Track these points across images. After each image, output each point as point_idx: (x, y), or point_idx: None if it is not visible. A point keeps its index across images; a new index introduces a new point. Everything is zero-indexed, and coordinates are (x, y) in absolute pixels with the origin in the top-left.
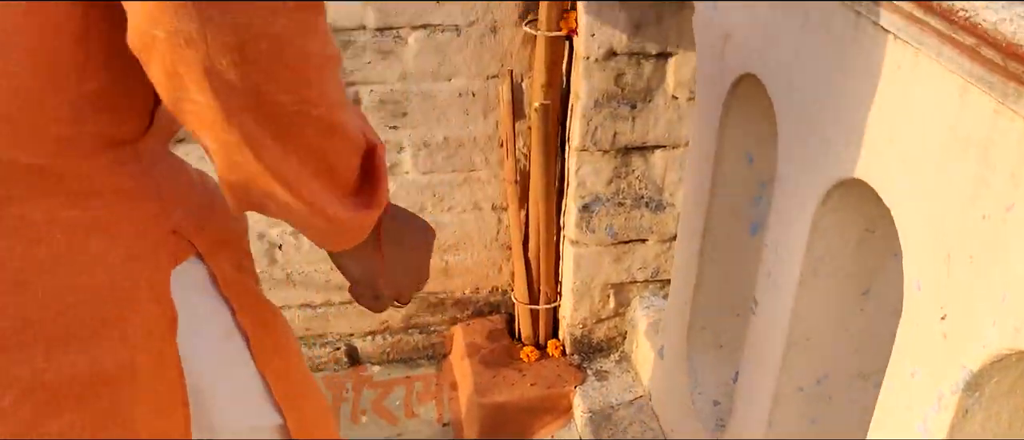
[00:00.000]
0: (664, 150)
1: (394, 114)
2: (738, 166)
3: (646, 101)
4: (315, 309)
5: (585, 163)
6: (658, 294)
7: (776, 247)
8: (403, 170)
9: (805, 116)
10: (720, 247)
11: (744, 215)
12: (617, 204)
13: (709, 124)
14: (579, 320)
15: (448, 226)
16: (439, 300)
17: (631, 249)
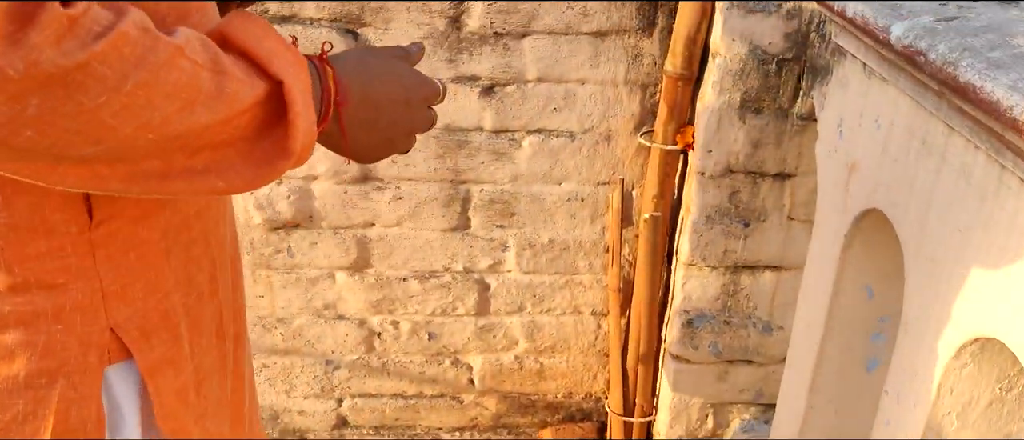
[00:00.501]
0: (776, 271)
1: (503, 214)
2: (857, 299)
3: (760, 220)
4: (407, 400)
5: (692, 278)
6: (759, 418)
7: (898, 397)
8: (506, 268)
9: (938, 263)
10: (832, 381)
11: (861, 350)
12: (723, 322)
13: (828, 253)
14: (674, 437)
15: (546, 328)
16: (531, 401)
17: (735, 369)
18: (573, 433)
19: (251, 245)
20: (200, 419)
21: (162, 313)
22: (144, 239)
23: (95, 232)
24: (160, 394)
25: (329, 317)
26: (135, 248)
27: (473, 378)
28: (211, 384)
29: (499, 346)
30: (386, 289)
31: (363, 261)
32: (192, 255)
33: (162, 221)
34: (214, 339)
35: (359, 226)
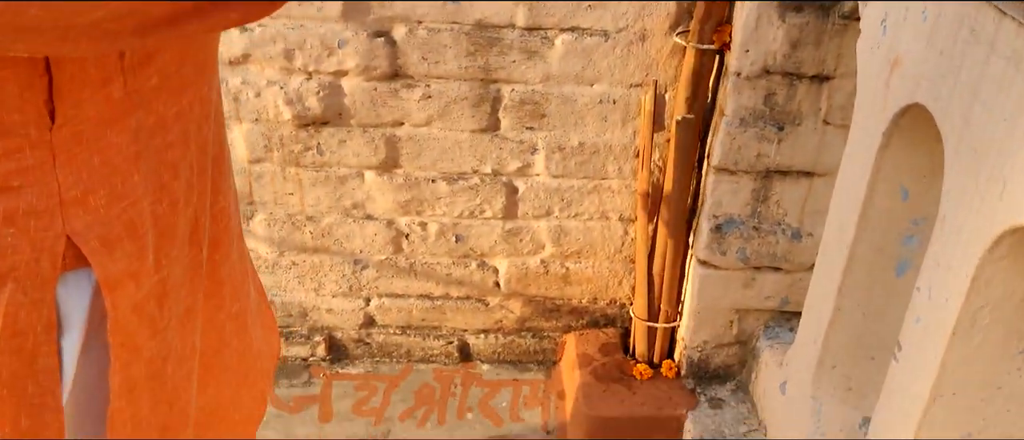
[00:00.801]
0: (809, 177)
1: (533, 115)
2: (891, 201)
3: (795, 124)
4: (433, 301)
5: (723, 182)
6: (785, 326)
7: (930, 291)
8: (535, 172)
9: (979, 155)
10: (861, 285)
11: (891, 254)
12: (752, 228)
13: (864, 153)
14: (698, 343)
15: (573, 232)
16: (555, 306)
17: (762, 276)
18: (596, 338)
19: (280, 141)
20: (159, 333)
21: (127, 222)
22: (111, 143)
23: (57, 135)
24: (116, 308)
25: (358, 216)
26: (100, 152)
27: (499, 281)
28: (179, 295)
29: (525, 250)
30: (414, 190)
31: (392, 161)
32: (167, 160)
33: (133, 123)
34: (187, 248)
35: (388, 125)
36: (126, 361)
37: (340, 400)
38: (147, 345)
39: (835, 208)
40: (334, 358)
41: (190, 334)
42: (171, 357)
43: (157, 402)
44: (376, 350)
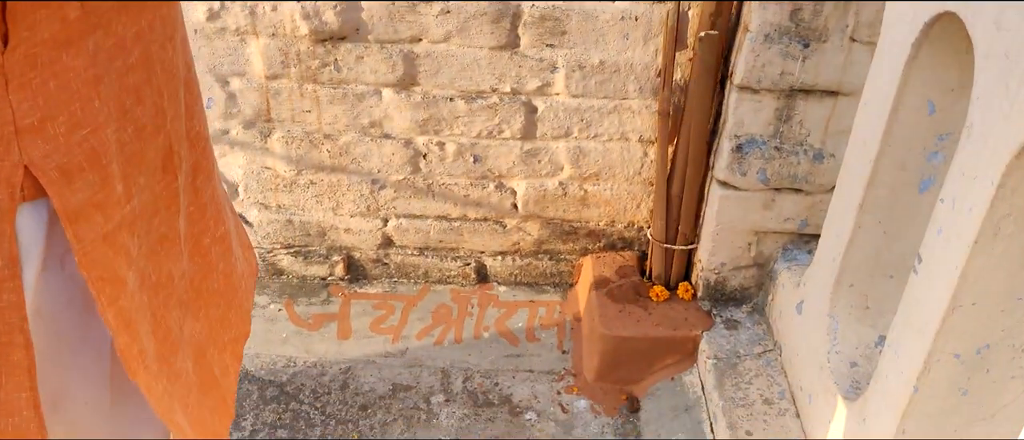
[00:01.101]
0: (833, 96)
1: (553, 32)
2: (917, 116)
3: (821, 41)
4: (451, 222)
5: (745, 101)
6: (803, 248)
7: (953, 201)
8: (554, 91)
9: (1011, 60)
10: (882, 203)
11: (915, 170)
12: (774, 148)
13: (892, 66)
14: (715, 265)
15: (592, 154)
16: (573, 228)
17: (782, 197)
18: (613, 260)
19: (297, 57)
20: (135, 263)
21: (89, 151)
22: (68, 66)
23: (9, 57)
24: (82, 240)
25: (375, 135)
26: (57, 76)
27: (516, 203)
28: (154, 222)
29: (544, 171)
30: (432, 109)
31: (409, 78)
32: (128, 84)
33: (91, 45)
34: (159, 175)
35: (406, 41)
36: (112, 295)
37: (358, 318)
38: (128, 276)
39: (859, 124)
40: (353, 278)
41: (167, 261)
42: (147, 285)
43: (152, 331)
44: (394, 270)
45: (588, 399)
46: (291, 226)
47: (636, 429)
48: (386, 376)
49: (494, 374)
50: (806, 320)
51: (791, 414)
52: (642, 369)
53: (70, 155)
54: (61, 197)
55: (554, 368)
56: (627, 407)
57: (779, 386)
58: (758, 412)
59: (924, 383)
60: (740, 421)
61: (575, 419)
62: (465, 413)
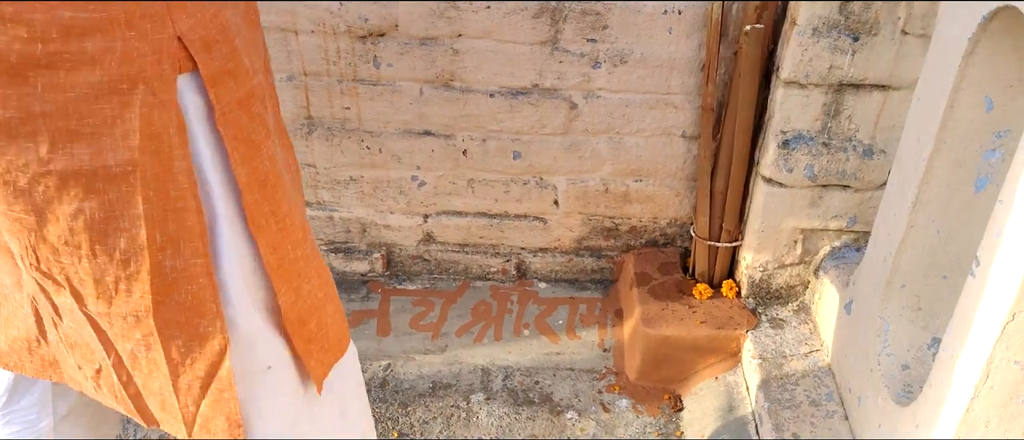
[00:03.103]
0: (883, 91)
1: (594, 26)
2: (974, 112)
3: (871, 34)
4: (491, 218)
5: (792, 96)
6: (851, 246)
7: (1014, 203)
8: (596, 86)
9: None
10: (936, 201)
11: (971, 168)
12: (821, 144)
13: (947, 61)
14: (760, 263)
15: (634, 150)
16: (614, 225)
17: (829, 194)
18: (655, 257)
19: (338, 54)
20: (270, 135)
21: (219, 26)
22: None
23: None
24: (220, 102)
25: (416, 132)
26: None
27: (557, 199)
28: (268, 105)
29: (585, 167)
30: (473, 104)
31: (449, 74)
32: None
33: None
34: (264, 67)
35: (446, 37)
36: (245, 155)
37: (398, 315)
38: (264, 144)
39: (913, 120)
40: (392, 274)
41: (282, 146)
42: (279, 163)
43: (280, 201)
44: (434, 267)
45: (630, 398)
46: (332, 223)
47: (679, 430)
48: (426, 373)
49: (534, 372)
50: (855, 320)
51: (839, 416)
52: (685, 368)
53: (207, 29)
54: (205, 64)
55: (595, 366)
56: (670, 407)
57: (826, 387)
58: (805, 414)
59: (982, 390)
60: (786, 423)
61: (617, 418)
62: (505, 412)
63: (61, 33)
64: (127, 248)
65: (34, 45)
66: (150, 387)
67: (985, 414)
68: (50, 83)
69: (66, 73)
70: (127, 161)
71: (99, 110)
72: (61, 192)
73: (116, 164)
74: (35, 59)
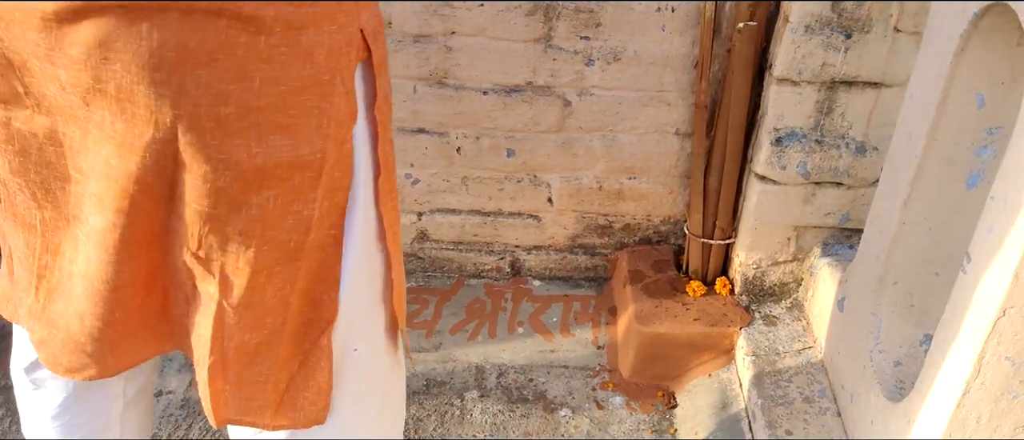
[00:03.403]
0: (876, 88)
1: (587, 24)
2: (966, 109)
3: (864, 31)
4: (485, 216)
5: (785, 93)
6: (844, 243)
7: (1005, 200)
8: (590, 83)
9: None
10: (929, 198)
11: (963, 164)
12: (814, 141)
13: (939, 58)
14: (753, 260)
15: (628, 147)
16: (608, 223)
17: (822, 191)
18: (649, 255)
19: None
20: (390, 125)
21: (377, 19)
22: None
23: None
24: (382, 88)
25: (410, 129)
26: None
27: (551, 197)
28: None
29: (579, 165)
30: (466, 103)
31: (443, 71)
32: None
33: None
34: None
35: (439, 34)
36: (385, 137)
37: None
38: (389, 130)
39: (905, 117)
40: None
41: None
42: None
43: (395, 182)
44: (428, 264)
45: (624, 396)
46: None
47: (673, 427)
48: (419, 371)
49: (528, 370)
50: (848, 317)
51: (832, 413)
52: (679, 365)
53: (376, 19)
54: (375, 52)
55: (589, 364)
56: (663, 404)
57: (819, 384)
58: (798, 411)
59: (973, 386)
60: (779, 420)
61: (611, 416)
62: (499, 409)
63: (284, 27)
64: (292, 228)
65: (259, 38)
66: (244, 376)
67: (976, 410)
68: (268, 77)
69: (281, 67)
70: (319, 150)
71: (303, 102)
72: (254, 185)
73: (309, 153)
74: (257, 53)
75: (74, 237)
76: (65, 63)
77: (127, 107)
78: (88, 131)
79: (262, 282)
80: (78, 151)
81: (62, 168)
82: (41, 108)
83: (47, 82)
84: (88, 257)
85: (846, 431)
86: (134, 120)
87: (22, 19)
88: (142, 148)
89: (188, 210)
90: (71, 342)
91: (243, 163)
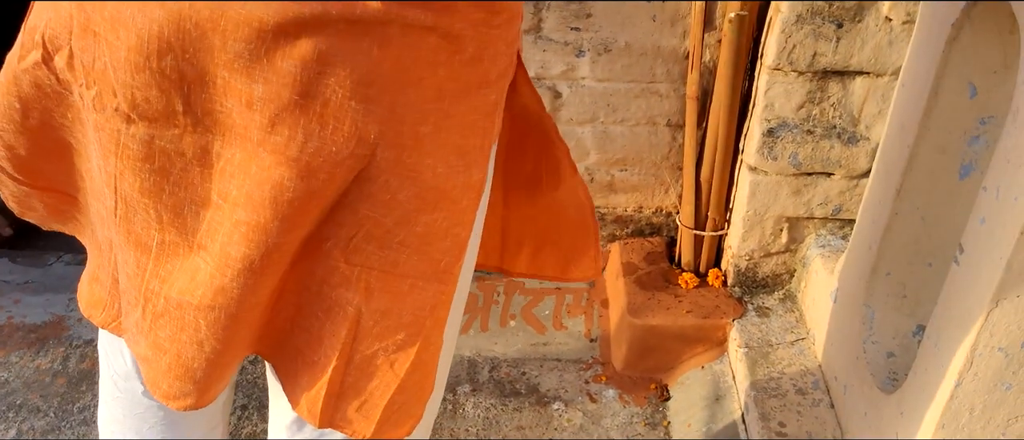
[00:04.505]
0: (867, 77)
1: (578, 15)
2: (957, 99)
3: (855, 21)
4: None
5: (776, 83)
6: (837, 234)
7: (998, 190)
8: (580, 75)
9: None
10: (921, 188)
11: (955, 154)
12: (805, 132)
13: (931, 47)
14: (746, 252)
15: (619, 139)
16: (600, 215)
17: (814, 182)
18: (641, 247)
19: None
20: None
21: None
22: None
23: None
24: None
25: None
26: None
27: None
28: None
29: None
30: None
31: None
32: None
33: None
34: None
35: None
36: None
37: None
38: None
39: (897, 107)
40: None
41: None
42: None
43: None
44: None
45: (616, 388)
46: None
47: (666, 419)
48: None
49: (521, 363)
50: (841, 308)
51: (825, 405)
52: (672, 358)
53: (519, 41)
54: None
55: (582, 357)
56: (656, 396)
57: (813, 376)
58: (791, 402)
59: (966, 377)
60: (773, 412)
61: (603, 409)
62: (491, 403)
63: (475, 46)
64: (448, 250)
65: (455, 57)
66: (362, 387)
67: (970, 401)
68: (455, 95)
69: (465, 86)
70: (483, 170)
71: (475, 123)
72: (429, 202)
73: (478, 174)
74: (452, 72)
75: (193, 267)
76: (268, 77)
77: (329, 123)
78: (256, 155)
79: (404, 291)
80: (232, 175)
81: (204, 192)
82: (200, 127)
83: (227, 98)
84: (222, 288)
85: (839, 423)
86: (334, 137)
87: (230, 29)
88: (333, 165)
89: (355, 216)
90: (180, 367)
91: (428, 182)
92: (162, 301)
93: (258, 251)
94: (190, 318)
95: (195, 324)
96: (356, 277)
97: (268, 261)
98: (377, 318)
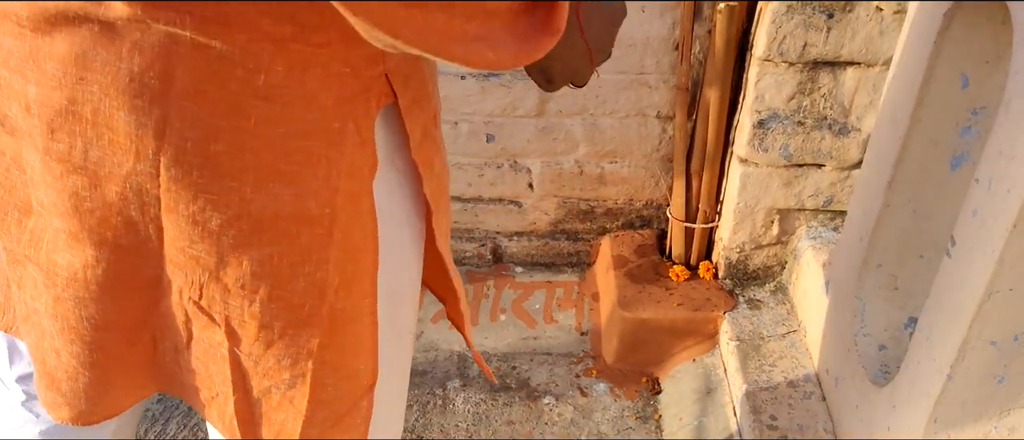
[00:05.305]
0: (858, 68)
1: None
2: (949, 89)
3: (845, 11)
4: (465, 203)
5: (767, 75)
6: (828, 225)
7: (990, 182)
8: None
9: None
10: (913, 180)
11: (947, 146)
12: (796, 123)
13: (922, 38)
14: (737, 244)
15: (608, 131)
16: (590, 208)
17: (805, 173)
18: (632, 240)
19: None
20: (438, 152)
21: (413, 61)
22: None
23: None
24: (413, 132)
25: None
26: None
27: (532, 182)
28: (438, 125)
29: (559, 149)
30: (445, 88)
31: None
32: None
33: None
34: (434, 87)
35: None
36: (427, 177)
37: None
38: (436, 163)
39: (888, 98)
40: None
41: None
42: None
43: (447, 214)
44: None
45: (607, 382)
46: None
47: (657, 413)
48: None
49: (511, 357)
50: (832, 301)
51: (817, 397)
52: (663, 351)
53: (406, 65)
54: (402, 96)
55: (573, 351)
56: (647, 390)
57: (804, 369)
58: (782, 395)
59: (958, 370)
60: (764, 405)
61: (594, 403)
62: (482, 398)
63: (285, 66)
64: (304, 292)
65: (258, 76)
66: (273, 418)
67: (961, 394)
68: (265, 116)
69: (282, 107)
70: (327, 204)
71: (307, 149)
72: (253, 236)
73: (316, 207)
74: (254, 90)
75: (31, 278)
76: (37, 78)
77: (104, 133)
78: (47, 164)
79: (272, 339)
80: (37, 182)
81: (25, 197)
82: (5, 127)
83: (10, 100)
84: (57, 297)
85: (831, 415)
86: (113, 147)
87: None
88: (122, 178)
89: (182, 255)
90: (46, 375)
91: (237, 208)
92: (23, 306)
93: (90, 258)
94: (45, 325)
95: (49, 332)
96: (214, 321)
97: (105, 272)
98: (254, 360)
